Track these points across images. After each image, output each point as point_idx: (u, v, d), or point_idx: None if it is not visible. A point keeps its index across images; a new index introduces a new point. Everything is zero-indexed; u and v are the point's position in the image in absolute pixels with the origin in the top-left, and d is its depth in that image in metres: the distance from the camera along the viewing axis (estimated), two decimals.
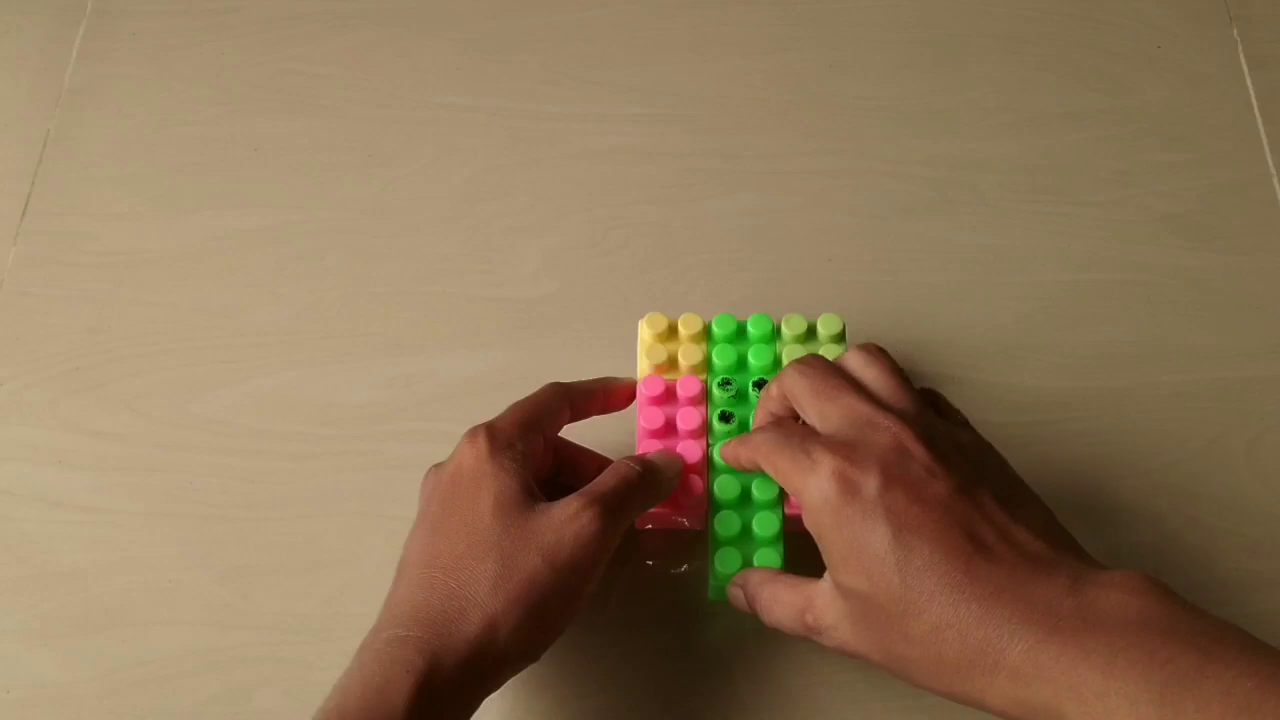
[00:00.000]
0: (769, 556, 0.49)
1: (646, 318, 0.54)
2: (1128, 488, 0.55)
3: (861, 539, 0.42)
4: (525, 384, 0.57)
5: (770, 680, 0.51)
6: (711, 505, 0.51)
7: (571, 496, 0.46)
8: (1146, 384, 0.58)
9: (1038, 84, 0.67)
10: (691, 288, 0.60)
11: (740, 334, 0.54)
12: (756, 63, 0.68)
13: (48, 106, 0.67)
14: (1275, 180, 0.63)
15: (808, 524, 0.44)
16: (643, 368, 0.54)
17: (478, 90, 0.67)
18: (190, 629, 0.52)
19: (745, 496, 0.51)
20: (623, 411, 0.54)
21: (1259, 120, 0.65)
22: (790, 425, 0.48)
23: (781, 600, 0.46)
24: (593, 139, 0.65)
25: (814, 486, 0.43)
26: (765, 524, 0.50)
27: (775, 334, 0.54)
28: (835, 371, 0.47)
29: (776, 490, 0.50)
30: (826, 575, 0.44)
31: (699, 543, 0.52)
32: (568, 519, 0.45)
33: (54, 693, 0.51)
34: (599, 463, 0.52)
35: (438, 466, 0.49)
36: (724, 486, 0.50)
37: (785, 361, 0.52)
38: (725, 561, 0.49)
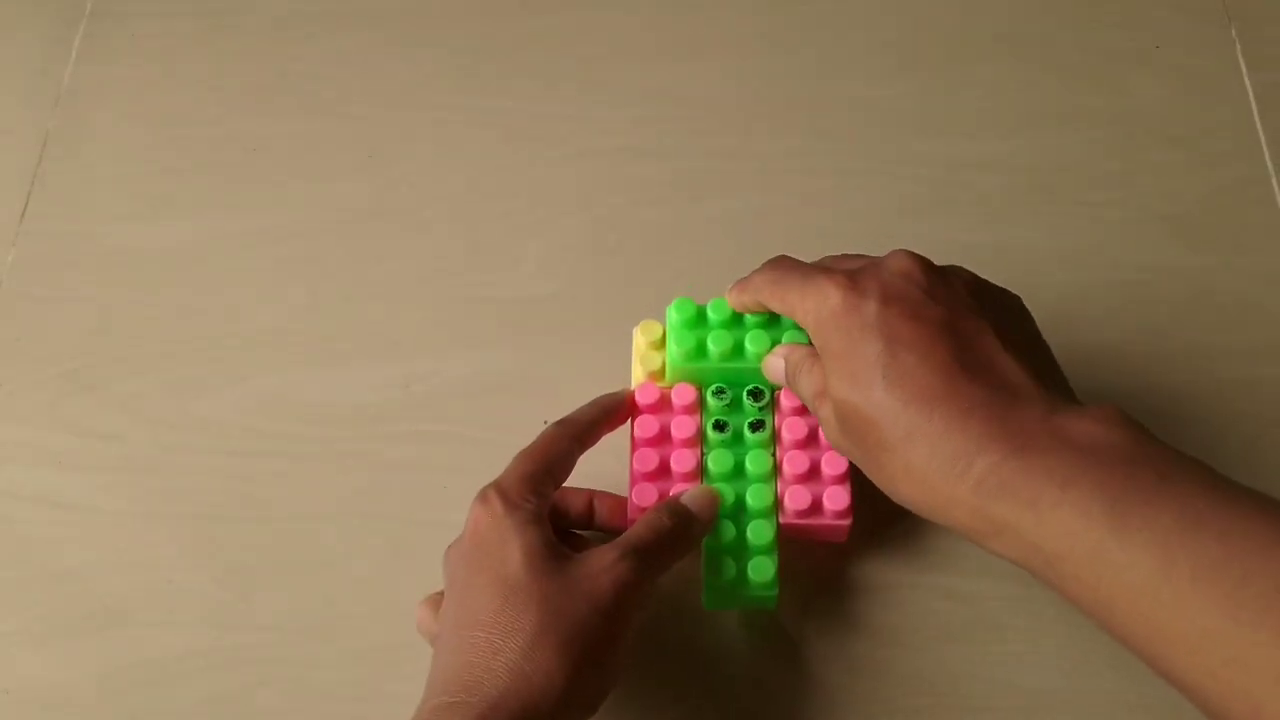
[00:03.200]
0: (763, 565, 0.49)
1: (640, 325, 0.54)
2: None
3: (855, 348, 0.44)
4: (524, 384, 0.58)
5: (767, 688, 0.51)
6: None
7: (605, 547, 0.45)
8: (1146, 384, 0.58)
9: (1037, 84, 0.67)
10: (691, 288, 0.60)
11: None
12: (756, 63, 0.68)
13: (48, 107, 0.67)
14: (1274, 180, 0.63)
15: (814, 341, 0.46)
16: (637, 375, 0.53)
17: (478, 90, 0.67)
18: (190, 629, 0.52)
19: (739, 505, 0.50)
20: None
21: (1258, 120, 0.65)
22: (790, 260, 0.49)
23: (814, 376, 0.47)
24: (592, 139, 0.65)
25: (821, 305, 0.45)
26: (759, 532, 0.49)
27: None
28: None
29: (771, 498, 0.50)
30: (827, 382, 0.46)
31: (693, 551, 0.52)
32: (606, 568, 0.44)
33: (54, 693, 0.51)
34: (588, 498, 0.51)
35: (455, 542, 0.48)
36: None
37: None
38: (720, 570, 0.49)
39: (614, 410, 0.52)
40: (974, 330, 0.44)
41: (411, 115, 0.66)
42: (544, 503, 0.47)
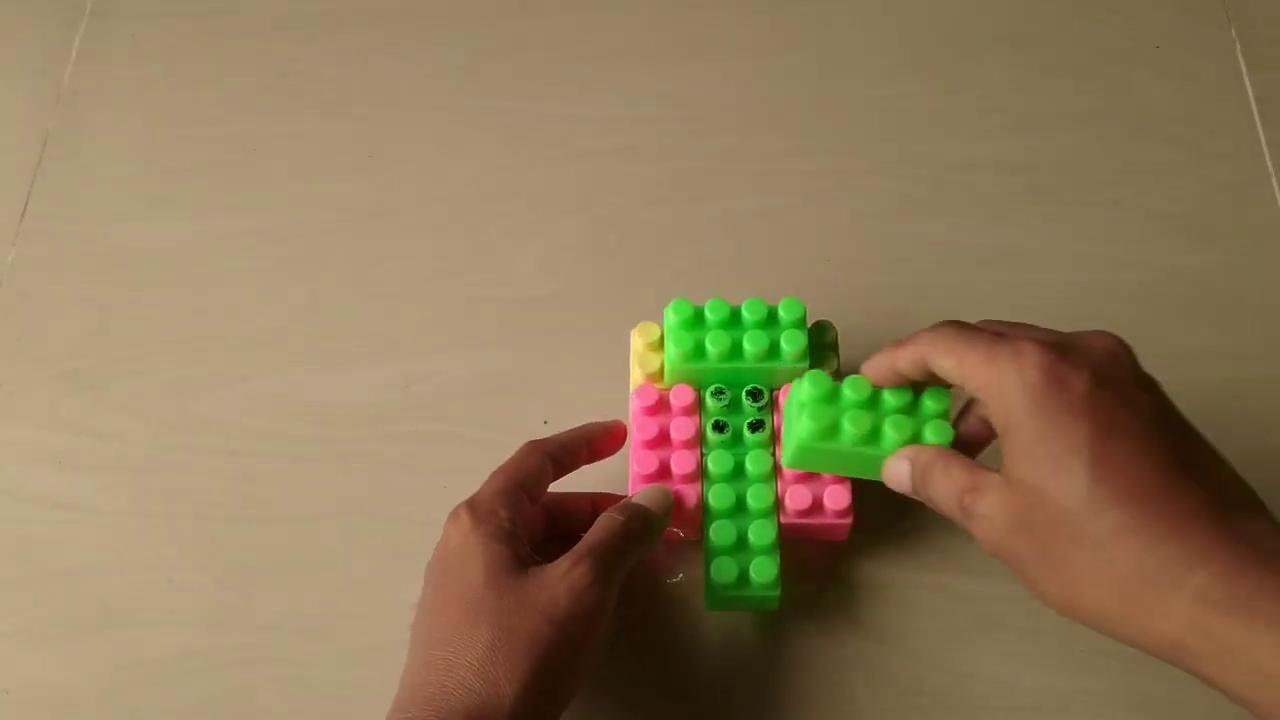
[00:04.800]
0: (765, 566, 0.49)
1: (638, 327, 0.54)
2: None
3: (1058, 429, 0.39)
4: (524, 384, 0.58)
5: (768, 689, 0.51)
6: (706, 515, 0.51)
7: (562, 557, 0.46)
8: None
9: (1036, 84, 0.67)
10: (690, 288, 0.60)
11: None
12: (755, 63, 0.68)
13: (48, 107, 0.67)
14: (1273, 180, 0.63)
15: (994, 413, 0.40)
16: (635, 377, 0.53)
17: (478, 90, 0.67)
18: (190, 629, 0.52)
19: (740, 505, 0.50)
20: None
21: (1257, 120, 0.65)
22: (972, 325, 0.44)
23: (952, 475, 0.43)
24: (592, 139, 0.65)
25: (1015, 373, 0.40)
26: (761, 533, 0.49)
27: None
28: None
29: (772, 498, 0.50)
30: (1001, 468, 0.41)
31: (694, 552, 0.52)
32: (560, 576, 0.45)
33: (54, 693, 0.51)
34: (588, 504, 0.51)
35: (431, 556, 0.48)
36: (719, 496, 0.50)
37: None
38: (721, 571, 0.49)
39: (596, 436, 0.52)
40: (1186, 430, 0.40)
41: (411, 115, 0.66)
42: (515, 515, 0.47)
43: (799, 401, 0.48)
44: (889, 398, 0.47)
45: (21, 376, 0.59)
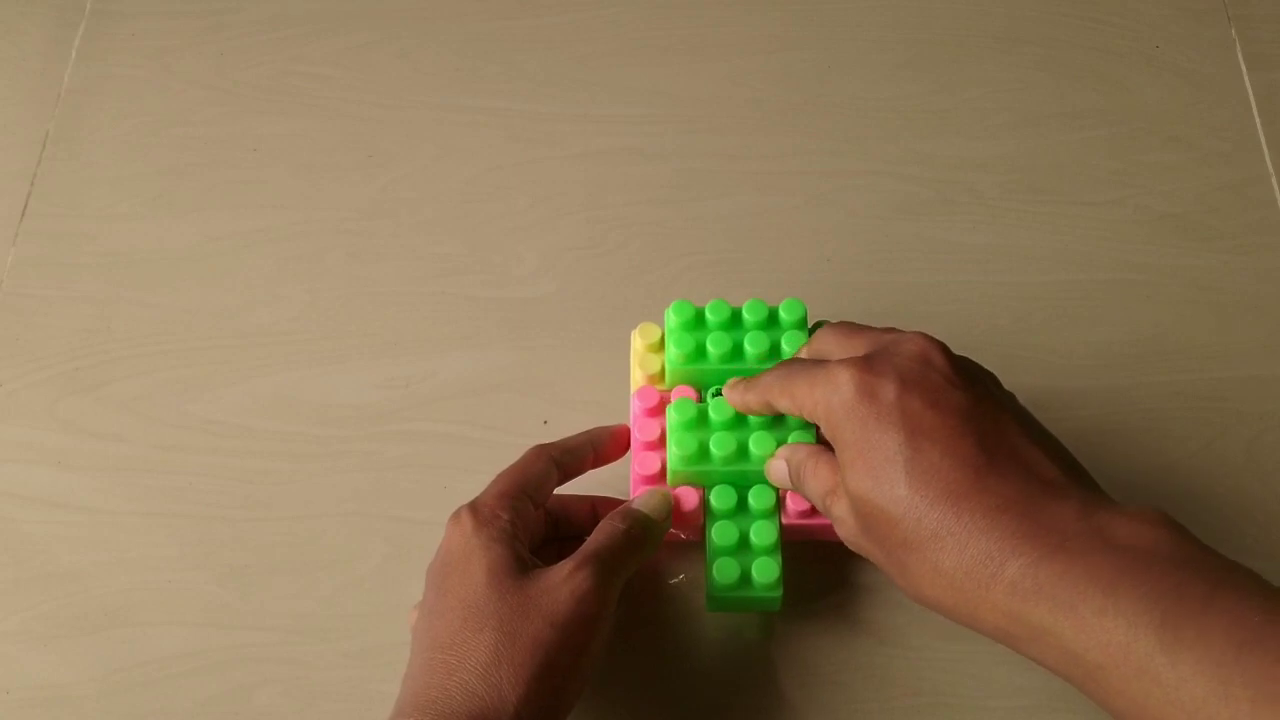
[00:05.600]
0: (767, 566, 0.49)
1: (639, 328, 0.54)
2: (1127, 487, 0.55)
3: (873, 439, 0.41)
4: (524, 384, 0.58)
5: (769, 689, 0.51)
6: (708, 515, 0.51)
7: (565, 560, 0.46)
8: (1145, 384, 0.58)
9: (1036, 84, 0.67)
10: (690, 288, 0.60)
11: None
12: (755, 63, 0.68)
13: (47, 107, 0.67)
14: (1274, 180, 0.63)
15: (826, 433, 0.44)
16: (635, 378, 0.53)
17: (478, 90, 0.67)
18: (190, 629, 0.52)
19: (742, 505, 0.50)
20: (618, 422, 0.53)
21: (1257, 120, 0.65)
22: (798, 359, 0.48)
23: (819, 475, 0.46)
24: (592, 139, 0.65)
25: (832, 394, 0.43)
26: (762, 533, 0.49)
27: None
28: (866, 324, 0.48)
29: (773, 499, 0.50)
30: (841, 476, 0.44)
31: (695, 552, 0.52)
32: (563, 580, 0.45)
33: (54, 693, 0.51)
34: (589, 506, 0.51)
35: (433, 559, 0.48)
36: (720, 496, 0.50)
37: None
38: (723, 571, 0.49)
39: (601, 441, 0.52)
40: (996, 419, 0.42)
41: (411, 115, 0.66)
42: (518, 518, 0.47)
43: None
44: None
45: (21, 376, 0.59)
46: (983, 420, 0.41)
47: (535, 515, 0.49)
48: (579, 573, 0.45)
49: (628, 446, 0.53)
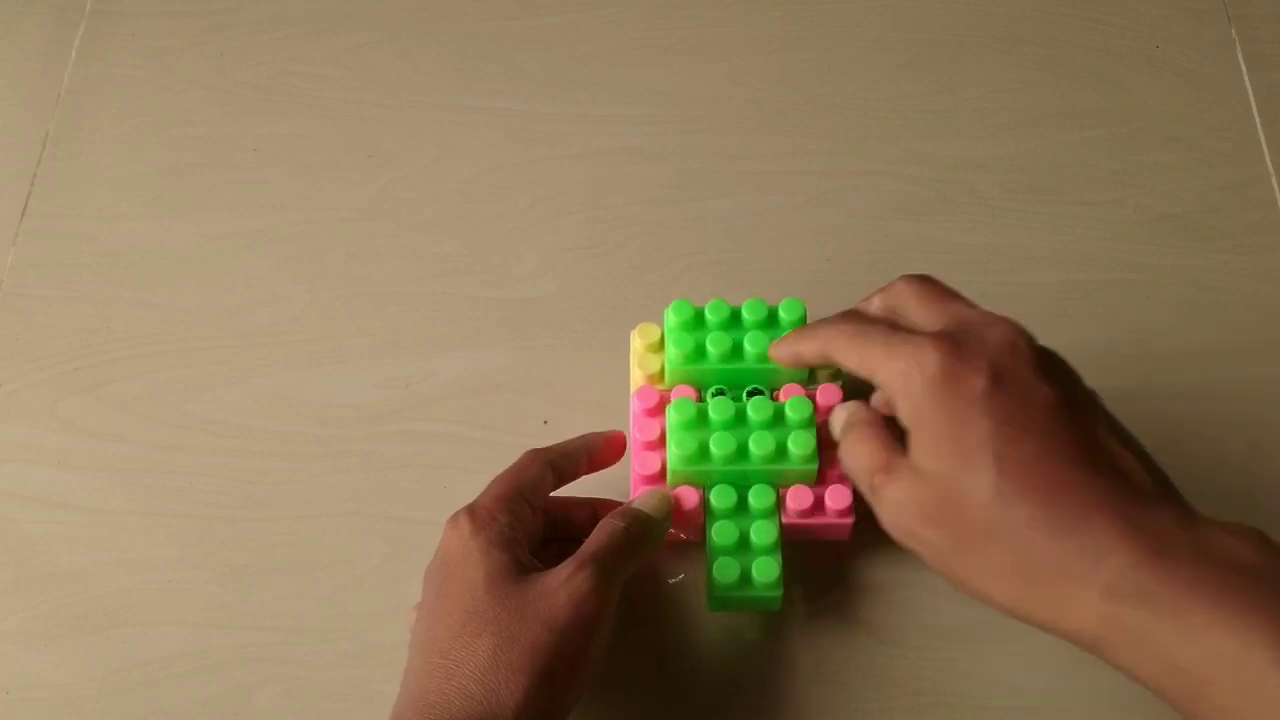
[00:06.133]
0: (767, 566, 0.49)
1: (638, 328, 0.54)
2: None
3: (963, 424, 0.40)
4: (524, 384, 0.58)
5: (769, 689, 0.51)
6: (708, 515, 0.51)
7: (564, 563, 0.46)
8: (1146, 384, 0.58)
9: (1036, 84, 0.67)
10: (690, 288, 0.60)
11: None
12: (755, 63, 0.68)
13: (47, 107, 0.67)
14: (1274, 180, 0.63)
15: (901, 409, 0.41)
16: (635, 378, 0.53)
17: (478, 90, 0.67)
18: (190, 629, 0.52)
19: (742, 505, 0.50)
20: (619, 423, 0.53)
21: (1257, 120, 0.65)
22: (871, 317, 0.45)
23: (868, 447, 0.43)
24: (592, 139, 0.65)
25: (915, 370, 0.41)
26: (762, 533, 0.49)
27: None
28: (947, 285, 0.46)
29: (773, 499, 0.50)
30: (910, 456, 0.42)
31: (695, 552, 0.52)
32: (561, 583, 0.44)
33: (54, 693, 0.51)
34: (589, 508, 0.51)
35: (430, 562, 0.48)
36: (720, 496, 0.50)
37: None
38: (723, 571, 0.49)
39: (596, 445, 0.52)
40: (1086, 419, 0.40)
41: (411, 115, 0.66)
42: (516, 521, 0.47)
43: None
44: (753, 413, 0.50)
45: (21, 376, 0.59)
46: (1074, 418, 0.40)
47: (533, 518, 0.48)
48: (577, 575, 0.45)
49: (622, 452, 0.53)
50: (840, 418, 0.47)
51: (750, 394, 0.52)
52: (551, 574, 0.45)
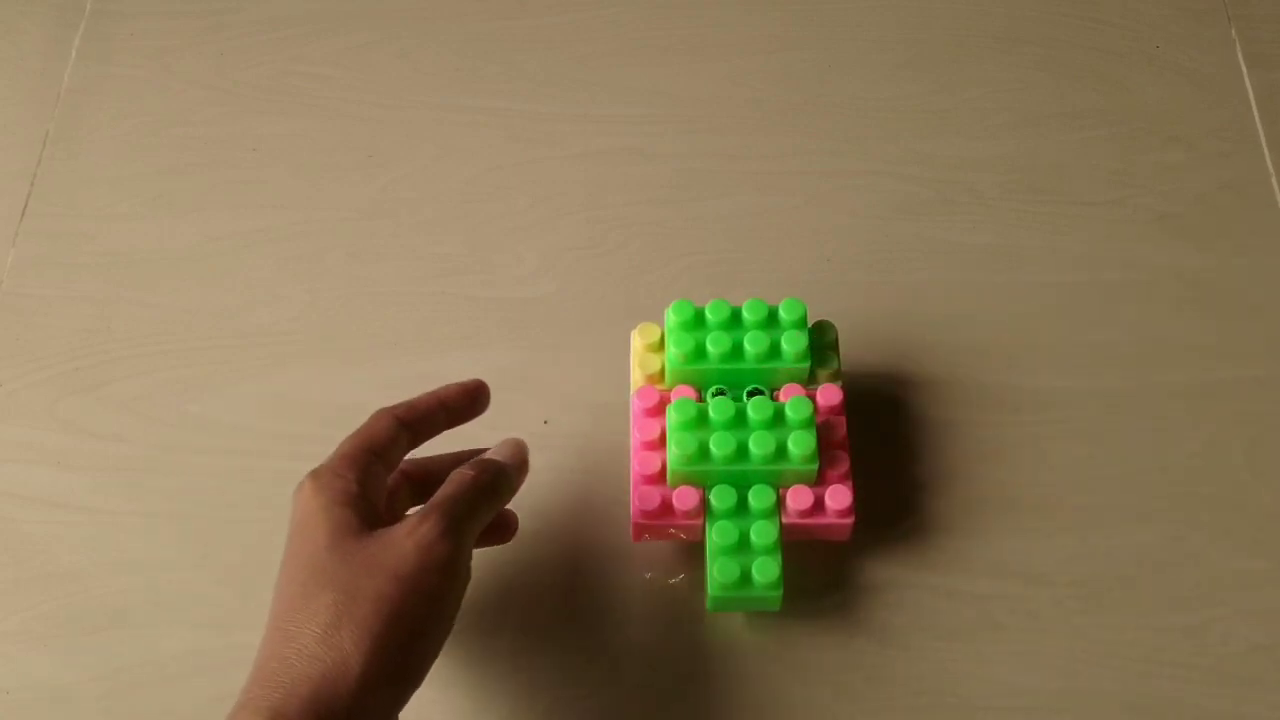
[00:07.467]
0: (767, 566, 0.49)
1: (639, 328, 0.54)
2: (1127, 487, 0.55)
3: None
4: (524, 384, 0.58)
5: (769, 690, 0.51)
6: (708, 515, 0.50)
7: (410, 514, 0.45)
8: (1145, 384, 0.58)
9: (1036, 84, 0.67)
10: (690, 288, 0.60)
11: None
12: (755, 63, 0.68)
13: (47, 107, 0.67)
14: (1274, 180, 0.63)
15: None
16: (636, 378, 0.53)
17: (478, 90, 0.67)
18: (190, 630, 0.52)
19: (742, 505, 0.50)
20: (619, 423, 0.53)
21: (1257, 120, 0.65)
22: None
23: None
24: (592, 139, 0.65)
25: None
26: (762, 533, 0.49)
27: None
28: None
29: (773, 499, 0.50)
30: None
31: (695, 552, 0.52)
32: (407, 534, 0.43)
33: (54, 693, 0.51)
34: (452, 462, 0.49)
35: None
36: (720, 496, 0.50)
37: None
38: (723, 571, 0.49)
39: (451, 397, 0.50)
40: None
41: (411, 115, 0.66)
42: (365, 478, 0.45)
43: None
44: (753, 413, 0.50)
45: (21, 376, 0.59)
46: None
47: (385, 475, 0.47)
48: (424, 524, 0.43)
49: (480, 400, 0.51)
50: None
51: (750, 394, 0.52)
52: (397, 526, 0.44)
